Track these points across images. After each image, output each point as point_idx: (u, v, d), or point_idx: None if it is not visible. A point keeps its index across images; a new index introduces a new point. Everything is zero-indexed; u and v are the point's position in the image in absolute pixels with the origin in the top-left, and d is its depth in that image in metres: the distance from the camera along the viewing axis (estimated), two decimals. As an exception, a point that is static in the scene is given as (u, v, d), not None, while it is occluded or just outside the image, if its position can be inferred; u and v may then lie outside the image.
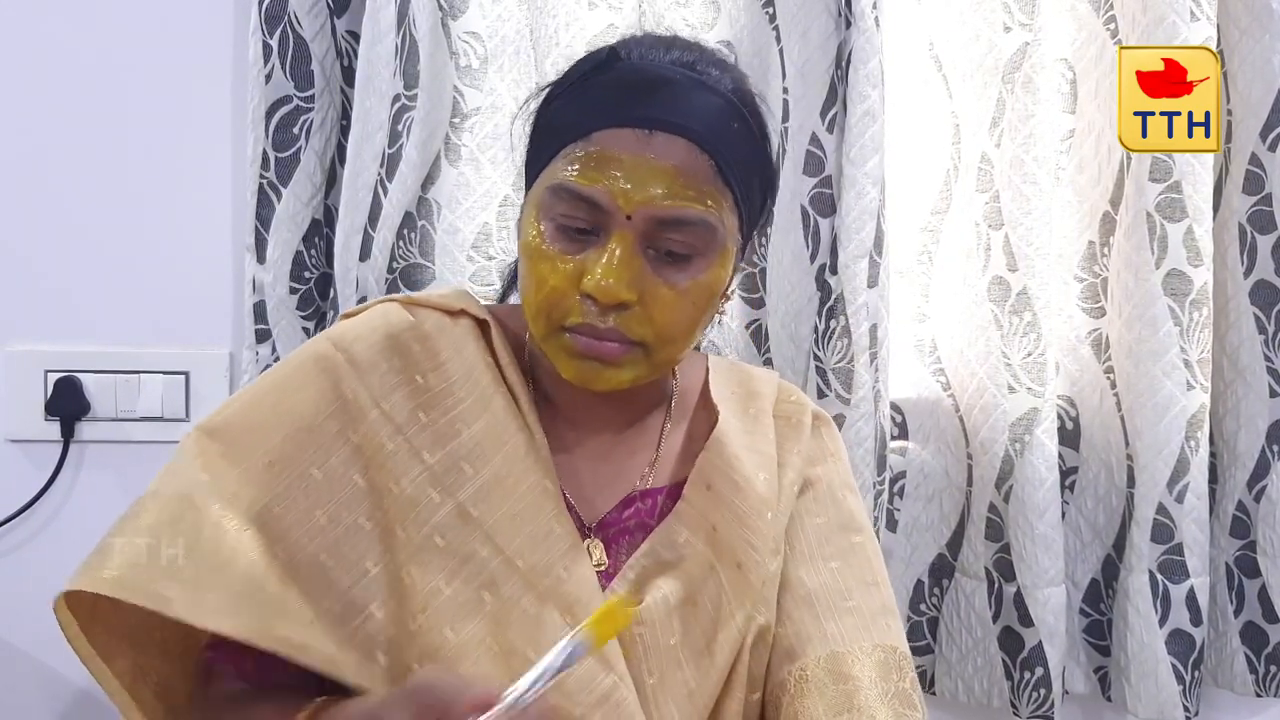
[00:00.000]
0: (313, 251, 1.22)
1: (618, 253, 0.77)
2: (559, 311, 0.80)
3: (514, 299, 1.03)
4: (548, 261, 0.80)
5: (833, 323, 1.23)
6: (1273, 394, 1.32)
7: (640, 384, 0.84)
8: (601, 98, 0.80)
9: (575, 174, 0.79)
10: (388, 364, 0.84)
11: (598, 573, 0.84)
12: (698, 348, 0.97)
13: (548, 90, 0.86)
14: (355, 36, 1.20)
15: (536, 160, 0.85)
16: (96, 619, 0.76)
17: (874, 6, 1.19)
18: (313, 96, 1.19)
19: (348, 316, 0.88)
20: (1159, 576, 1.29)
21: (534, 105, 0.87)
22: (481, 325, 0.88)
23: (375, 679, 0.76)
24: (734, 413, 0.92)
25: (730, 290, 0.88)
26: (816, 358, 1.24)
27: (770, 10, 1.24)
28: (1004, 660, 1.31)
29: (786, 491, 0.90)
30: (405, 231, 1.16)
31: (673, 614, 0.84)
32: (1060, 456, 1.32)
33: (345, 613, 0.78)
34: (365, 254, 1.17)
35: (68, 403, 1.22)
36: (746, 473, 0.88)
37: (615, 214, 0.78)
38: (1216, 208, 1.32)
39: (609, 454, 0.90)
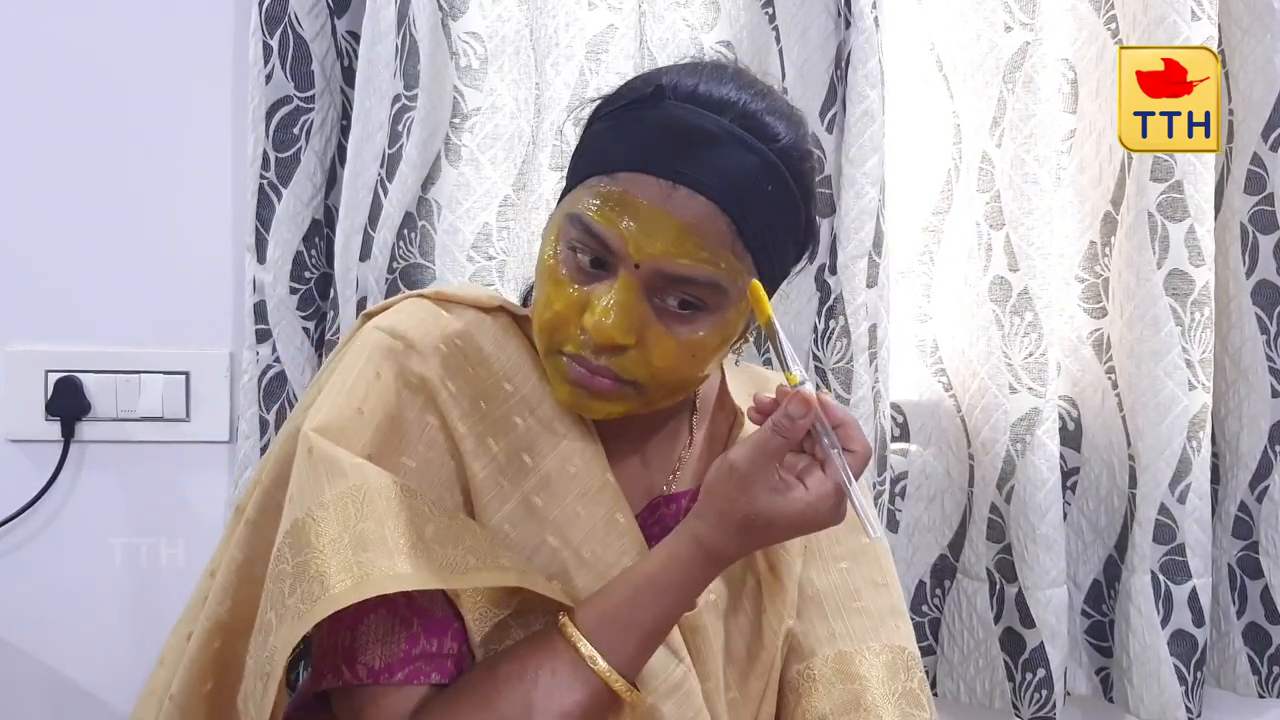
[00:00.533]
0: (313, 251, 1.22)
1: (620, 297, 0.76)
2: (559, 335, 0.79)
3: None
4: (557, 285, 0.79)
5: (832, 323, 1.23)
6: (1275, 394, 1.31)
7: (637, 414, 0.83)
8: (634, 137, 0.78)
9: (593, 210, 0.77)
10: (447, 348, 0.83)
11: None
12: None
13: (598, 103, 0.83)
14: (355, 37, 1.20)
15: (572, 174, 0.83)
16: None
17: (873, 6, 1.19)
18: (313, 97, 1.20)
19: (371, 314, 0.86)
20: (1161, 577, 1.29)
21: (585, 112, 0.85)
22: (521, 322, 0.87)
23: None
24: None
25: (748, 332, 0.86)
26: (816, 358, 1.24)
27: (770, 10, 1.23)
28: (1006, 661, 1.31)
29: None
30: (405, 231, 1.16)
31: (720, 618, 0.85)
32: (1062, 457, 1.31)
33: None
34: (365, 254, 1.17)
35: (68, 403, 1.22)
36: None
37: (625, 259, 0.76)
38: (1218, 208, 1.32)
39: (634, 459, 0.89)
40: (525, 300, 1.03)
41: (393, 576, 0.72)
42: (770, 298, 0.83)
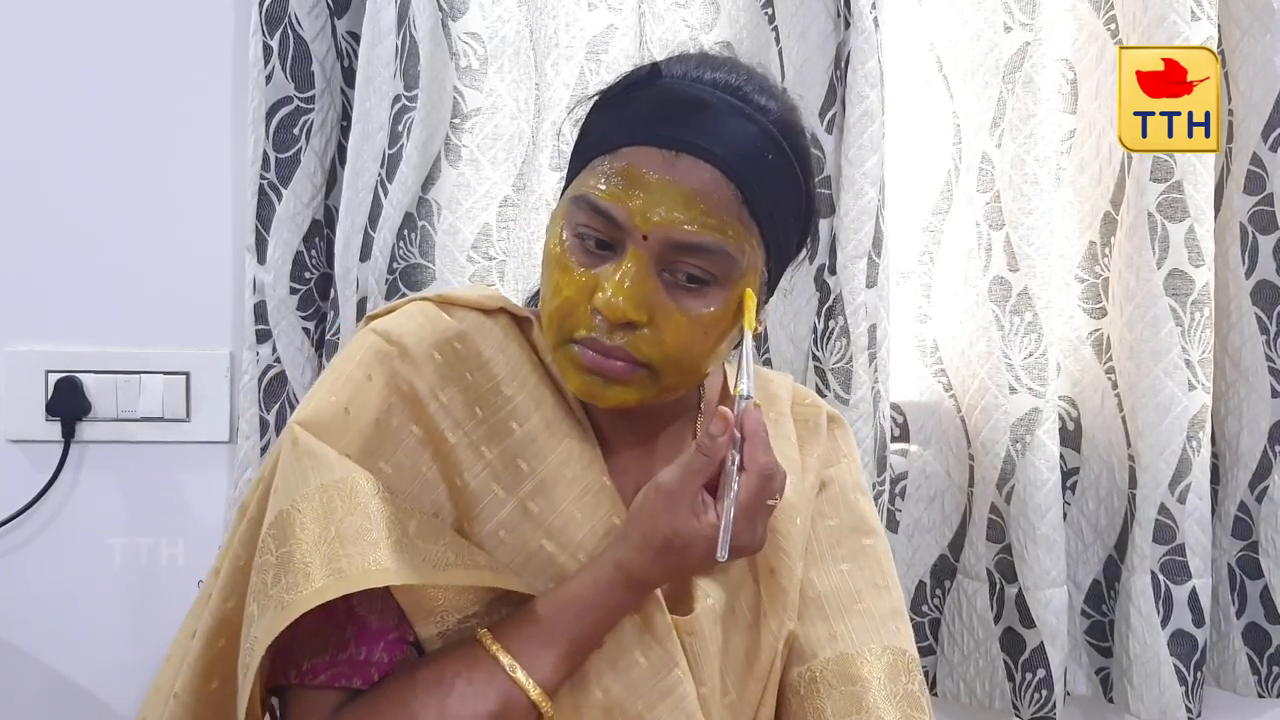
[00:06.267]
0: (313, 252, 1.22)
1: (631, 271, 0.76)
2: (570, 322, 0.79)
3: None
4: (565, 271, 0.79)
5: (831, 323, 1.23)
6: (1275, 394, 1.31)
7: (650, 403, 0.82)
8: (635, 114, 0.79)
9: (598, 188, 0.78)
10: (442, 357, 0.82)
11: None
12: None
13: (595, 98, 0.84)
14: (355, 37, 1.20)
15: (575, 164, 0.83)
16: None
17: (873, 7, 1.19)
18: (313, 97, 1.20)
19: (375, 317, 0.86)
20: (1161, 577, 1.29)
21: (583, 111, 0.85)
22: (521, 323, 0.87)
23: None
24: None
25: (760, 321, 0.84)
26: (815, 358, 1.24)
27: (769, 10, 1.24)
28: (1006, 661, 1.31)
29: (807, 495, 0.91)
30: (405, 232, 1.16)
31: (717, 622, 0.84)
32: (1062, 457, 1.31)
33: None
34: (365, 254, 1.17)
35: (68, 403, 1.22)
36: None
37: (632, 232, 0.76)
38: (1218, 208, 1.32)
39: (641, 463, 0.89)
40: (533, 303, 1.03)
41: (377, 571, 0.73)
42: (779, 277, 0.85)
